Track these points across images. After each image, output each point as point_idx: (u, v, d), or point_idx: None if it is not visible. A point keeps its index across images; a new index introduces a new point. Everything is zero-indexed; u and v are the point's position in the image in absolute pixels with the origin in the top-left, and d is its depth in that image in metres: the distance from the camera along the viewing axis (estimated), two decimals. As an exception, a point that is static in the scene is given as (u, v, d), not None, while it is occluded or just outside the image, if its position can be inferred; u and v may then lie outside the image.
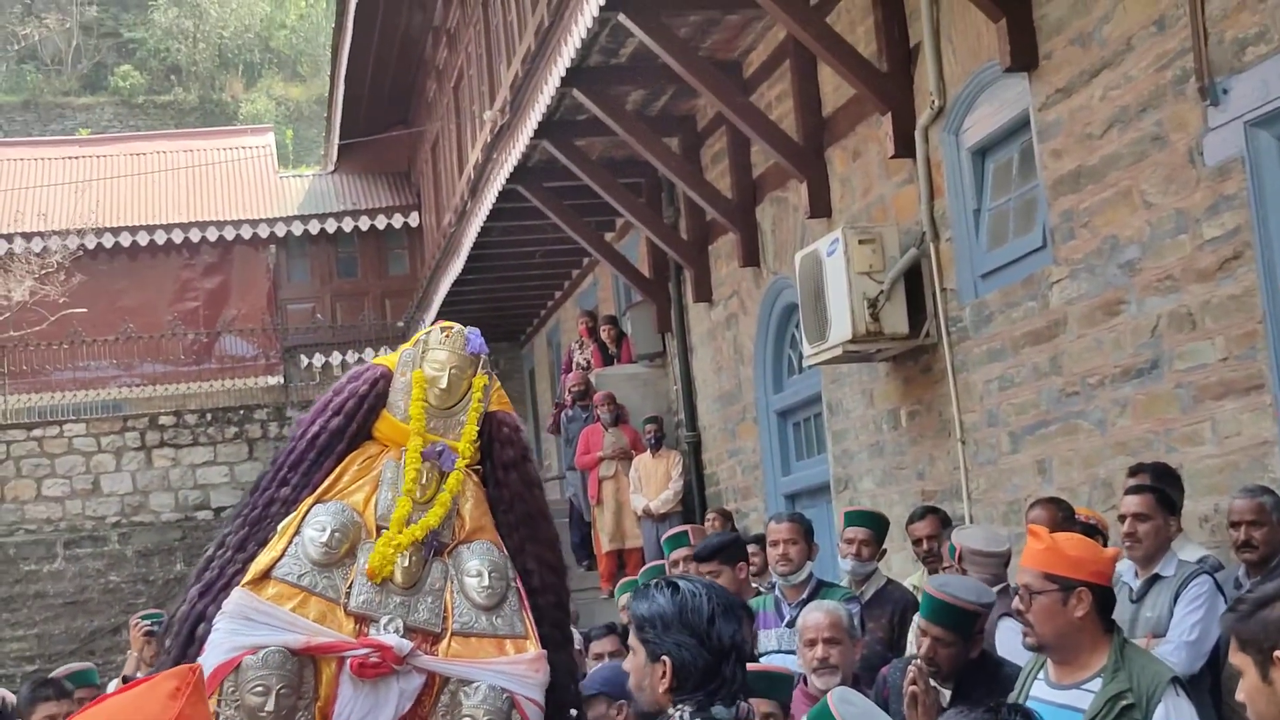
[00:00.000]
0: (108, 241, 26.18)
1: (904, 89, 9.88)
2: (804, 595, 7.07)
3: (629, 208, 14.45)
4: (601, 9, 10.87)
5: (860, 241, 9.69)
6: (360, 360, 26.28)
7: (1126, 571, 6.32)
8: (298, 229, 27.55)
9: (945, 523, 7.95)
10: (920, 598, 5.59)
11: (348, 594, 4.32)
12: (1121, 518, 6.27)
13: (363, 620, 4.29)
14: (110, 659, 17.43)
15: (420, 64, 23.67)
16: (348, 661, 4.19)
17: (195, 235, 27.12)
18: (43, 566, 17.10)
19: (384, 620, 4.28)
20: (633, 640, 3.63)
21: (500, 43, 16.83)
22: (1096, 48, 7.87)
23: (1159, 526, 6.17)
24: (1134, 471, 6.82)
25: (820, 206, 11.23)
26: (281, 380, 26.62)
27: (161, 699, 2.07)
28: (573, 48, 11.81)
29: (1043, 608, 4.40)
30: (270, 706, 4.01)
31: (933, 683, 5.10)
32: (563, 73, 12.25)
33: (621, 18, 11.09)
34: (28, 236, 24.25)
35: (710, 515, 12.70)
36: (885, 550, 8.03)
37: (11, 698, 8.98)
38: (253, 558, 4.40)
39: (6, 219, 25.99)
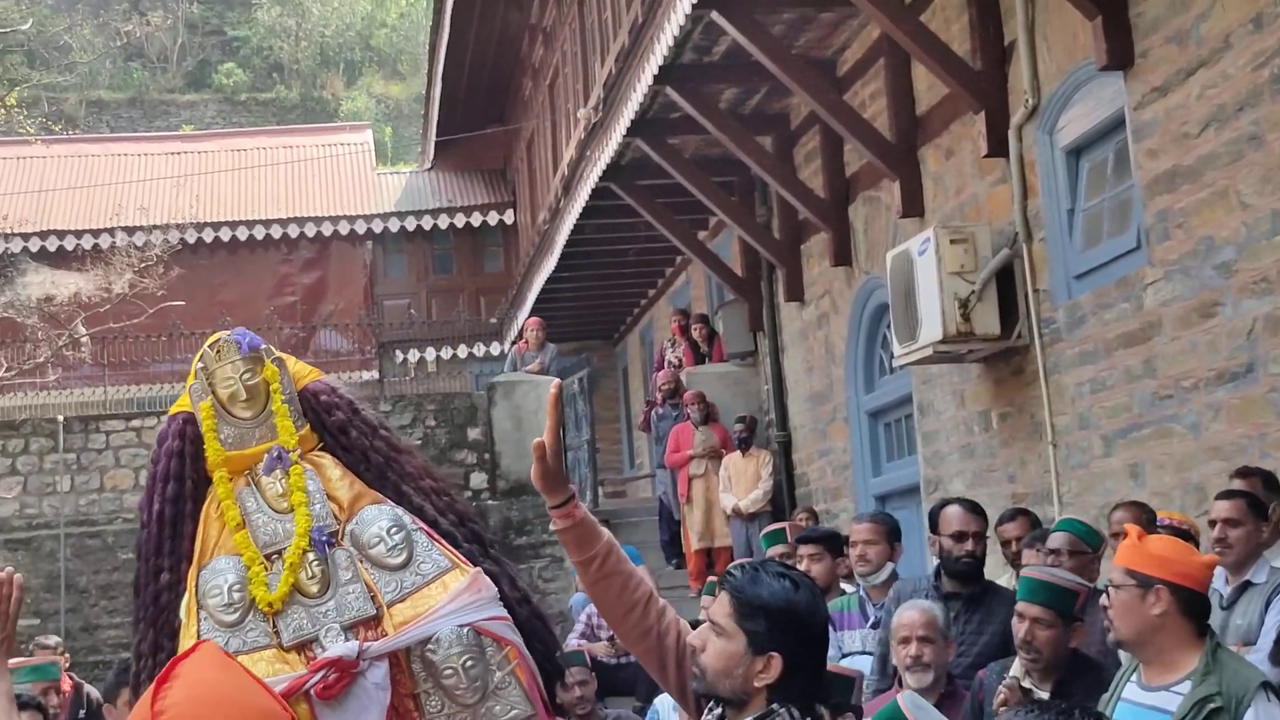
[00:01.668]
0: (207, 236, 26.56)
1: (998, 87, 9.78)
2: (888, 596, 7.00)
3: (722, 206, 14.43)
4: (695, 6, 10.87)
5: (952, 241, 9.61)
6: (455, 357, 26.48)
7: (1218, 578, 6.21)
8: (394, 225, 27.79)
9: (1035, 525, 7.86)
10: (1018, 583, 5.54)
11: (276, 632, 4.29)
12: (1212, 523, 6.16)
13: (304, 647, 4.24)
14: (204, 648, 17.59)
15: (517, 62, 23.78)
16: (312, 692, 4.14)
17: (294, 231, 27.46)
18: (140, 555, 17.34)
19: (322, 634, 4.24)
20: (724, 621, 3.29)
21: (595, 40, 16.87)
22: (1193, 46, 7.75)
23: (1250, 532, 6.06)
24: (1239, 474, 6.69)
25: (913, 205, 11.15)
26: (377, 375, 26.87)
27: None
28: (665, 45, 11.82)
29: (1121, 602, 4.41)
30: None
31: (1028, 684, 5.07)
32: (656, 70, 12.27)
33: (715, 15, 11.08)
34: (129, 230, 24.62)
35: (800, 514, 12.67)
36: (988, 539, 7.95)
37: (97, 694, 9.12)
38: (172, 654, 4.27)
39: (108, 213, 26.43)
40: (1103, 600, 4.65)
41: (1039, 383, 9.40)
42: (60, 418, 17.55)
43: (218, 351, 4.62)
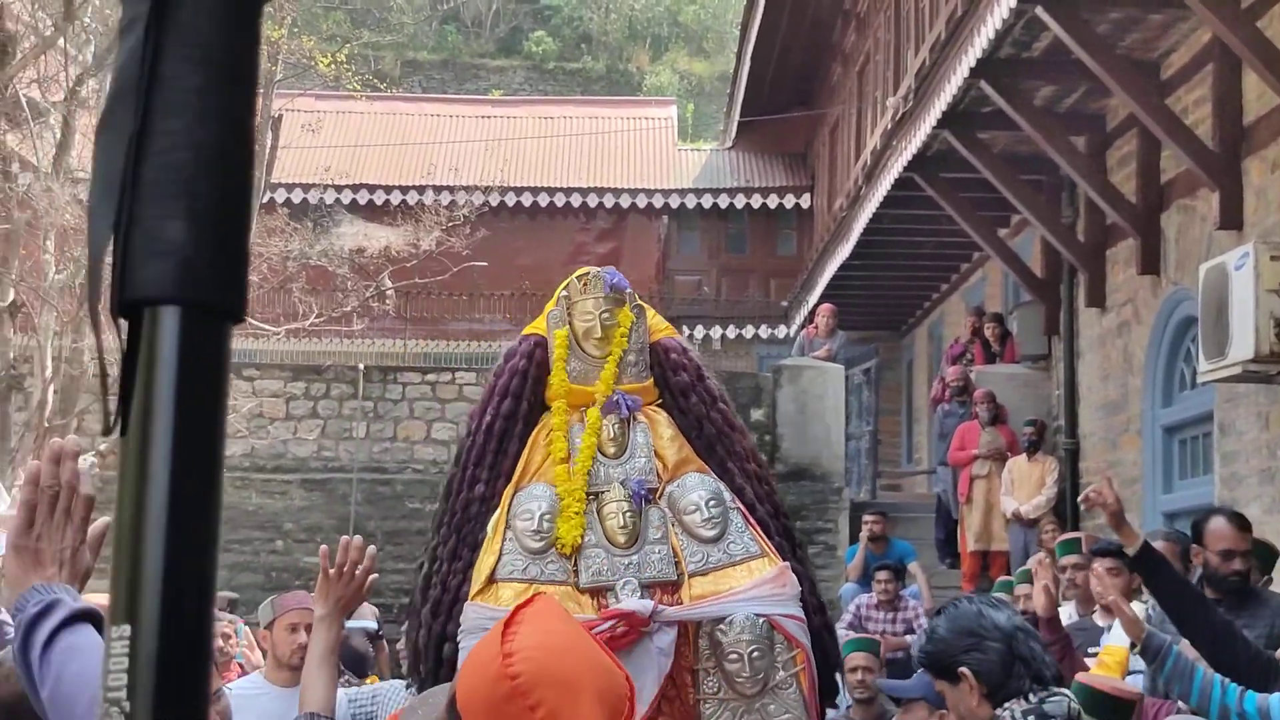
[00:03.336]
0: (510, 200, 27.19)
1: (1335, 101, 9.40)
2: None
3: (1027, 205, 14.18)
4: (1020, 1, 10.69)
5: (1273, 258, 9.28)
6: (740, 337, 26.61)
7: None
8: (691, 202, 28.04)
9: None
10: None
11: (576, 572, 4.31)
12: None
13: (599, 593, 4.26)
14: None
15: (827, 46, 23.72)
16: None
17: (593, 200, 27.93)
18: (426, 506, 17.86)
19: (619, 585, 4.25)
20: (937, 683, 3.66)
21: (910, 29, 16.73)
22: None
23: None
24: None
25: (1231, 218, 10.79)
26: (664, 348, 27.14)
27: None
28: (985, 39, 11.66)
29: None
30: None
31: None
32: (972, 63, 12.12)
33: (1039, 11, 10.89)
34: (438, 190, 25.37)
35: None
36: (1270, 579, 7.69)
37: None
38: (469, 565, 4.40)
39: (420, 171, 27.30)
40: None
41: (1353, 411, 9.04)
42: (361, 366, 18.21)
43: (584, 285, 4.69)
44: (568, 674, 1.99)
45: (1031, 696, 3.45)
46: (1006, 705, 3.47)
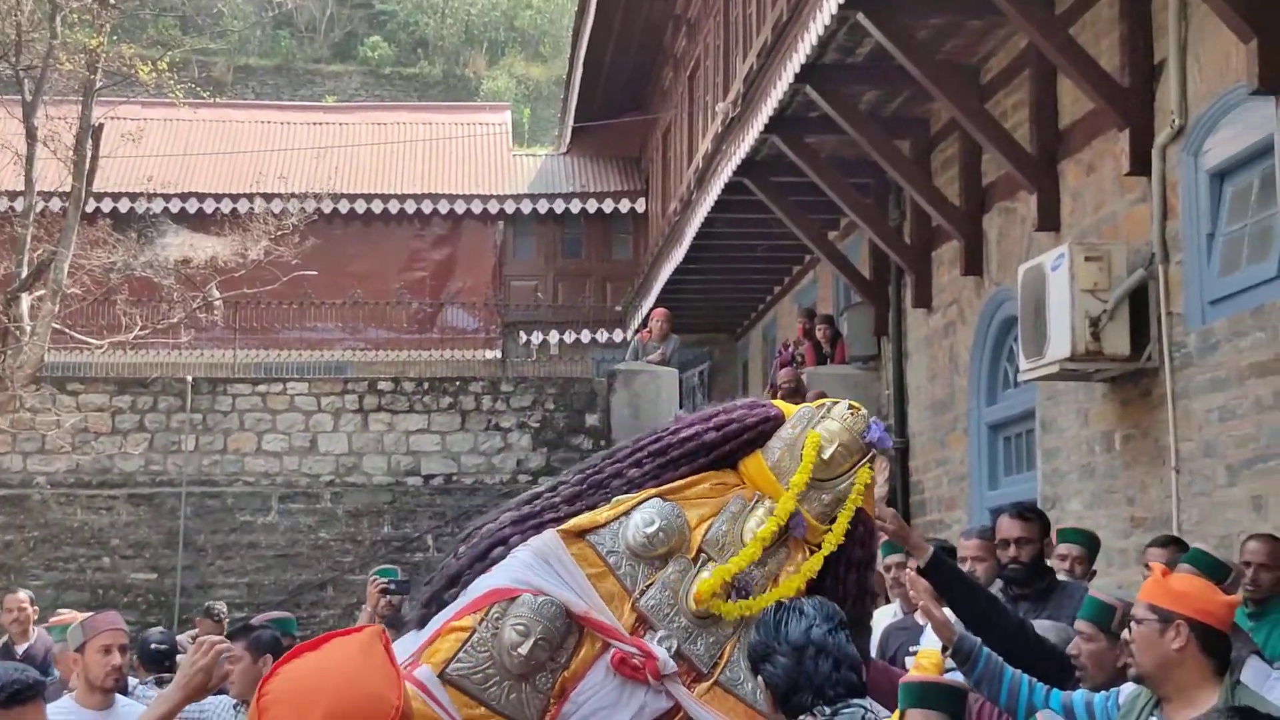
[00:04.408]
0: (343, 207, 26.92)
1: (1144, 105, 9.63)
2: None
3: (854, 208, 14.36)
4: (841, 7, 10.82)
5: (1087, 258, 9.49)
6: (577, 341, 26.61)
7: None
8: (526, 207, 28.00)
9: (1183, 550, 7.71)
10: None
11: (642, 592, 4.24)
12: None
13: (643, 622, 4.21)
14: (314, 613, 17.91)
15: (659, 51, 23.82)
16: (611, 651, 4.13)
17: (428, 207, 27.76)
18: (257, 518, 17.66)
19: (661, 634, 4.20)
20: None
21: (739, 34, 16.85)
22: (1350, 74, 7.58)
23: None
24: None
25: (1049, 219, 11.02)
26: (500, 354, 27.09)
27: (380, 657, 2.31)
28: (809, 44, 11.78)
29: (1141, 636, 4.47)
30: (523, 650, 3.94)
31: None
32: (797, 69, 12.24)
33: (860, 17, 11.03)
34: (268, 197, 25.01)
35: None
36: (1095, 571, 7.86)
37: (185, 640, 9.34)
38: (577, 513, 4.36)
39: (249, 179, 26.89)
40: (1125, 635, 4.69)
41: (1166, 407, 9.26)
42: (189, 378, 17.90)
43: (853, 412, 4.58)
44: (302, 695, 2.24)
45: (824, 709, 3.45)
46: (800, 718, 3.48)
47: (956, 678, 5.98)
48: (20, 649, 10.02)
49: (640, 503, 4.36)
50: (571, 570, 4.14)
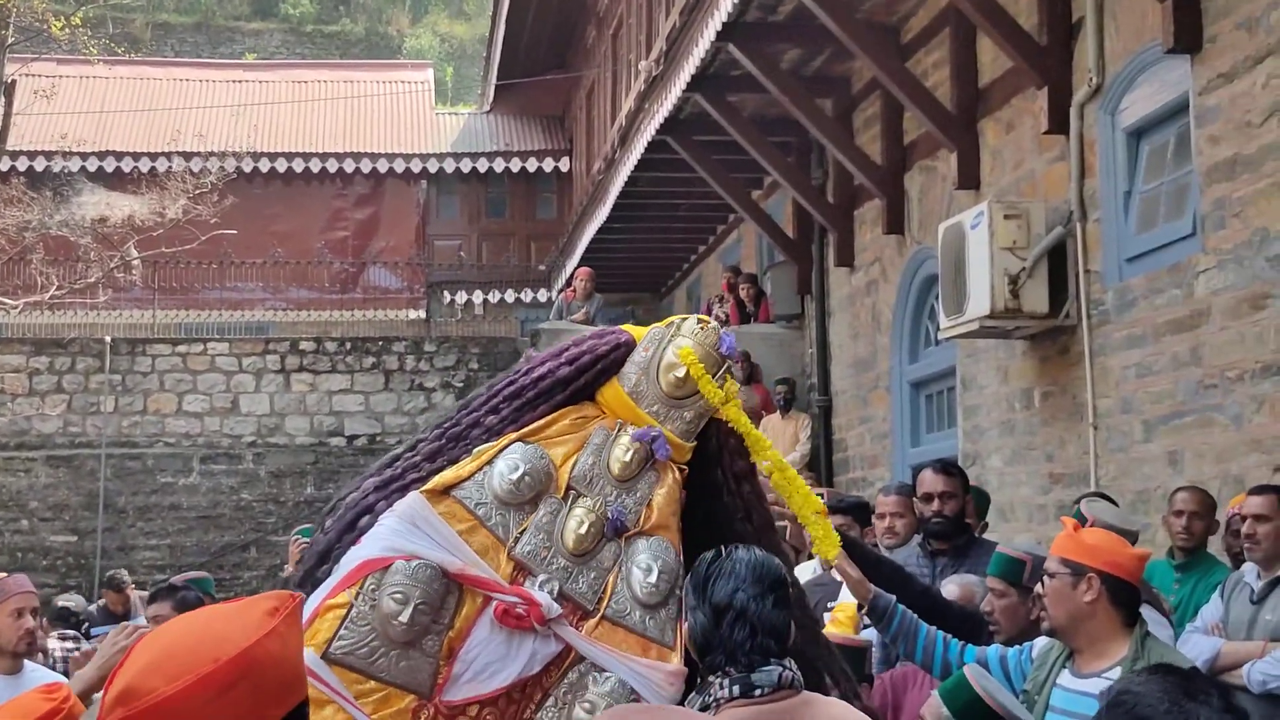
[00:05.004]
0: (263, 166, 26.64)
1: (1063, 64, 9.69)
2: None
3: (777, 167, 14.36)
4: (762, -36, 10.80)
5: (1006, 216, 9.55)
6: (502, 301, 26.53)
7: (1249, 573, 6.20)
8: (450, 166, 27.82)
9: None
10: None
11: (516, 539, 4.21)
12: (1242, 518, 6.19)
13: (521, 569, 4.17)
14: (237, 574, 17.81)
15: (582, 8, 23.68)
16: (493, 604, 4.11)
17: (349, 166, 27.52)
18: (179, 480, 17.50)
19: (541, 578, 4.18)
20: None
21: (661, -8, 16.78)
22: (1263, 34, 7.64)
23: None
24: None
25: (969, 178, 11.08)
26: (424, 315, 26.96)
27: (258, 615, 2.11)
28: (731, 2, 11.74)
29: (1054, 590, 4.55)
30: (404, 618, 3.89)
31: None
32: (719, 27, 12.20)
33: (782, -26, 11.01)
34: (186, 156, 24.71)
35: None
36: (987, 524, 7.93)
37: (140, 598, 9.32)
38: (439, 470, 4.30)
39: (166, 137, 26.54)
40: (1037, 588, 4.78)
41: (1084, 364, 9.35)
42: (108, 338, 17.69)
43: (702, 327, 4.53)
44: (145, 643, 2.12)
45: (733, 672, 3.45)
46: (713, 678, 3.48)
47: (872, 635, 6.05)
48: None
49: (502, 449, 4.32)
50: (441, 529, 4.09)
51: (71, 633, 9.52)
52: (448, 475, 4.27)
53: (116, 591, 11.35)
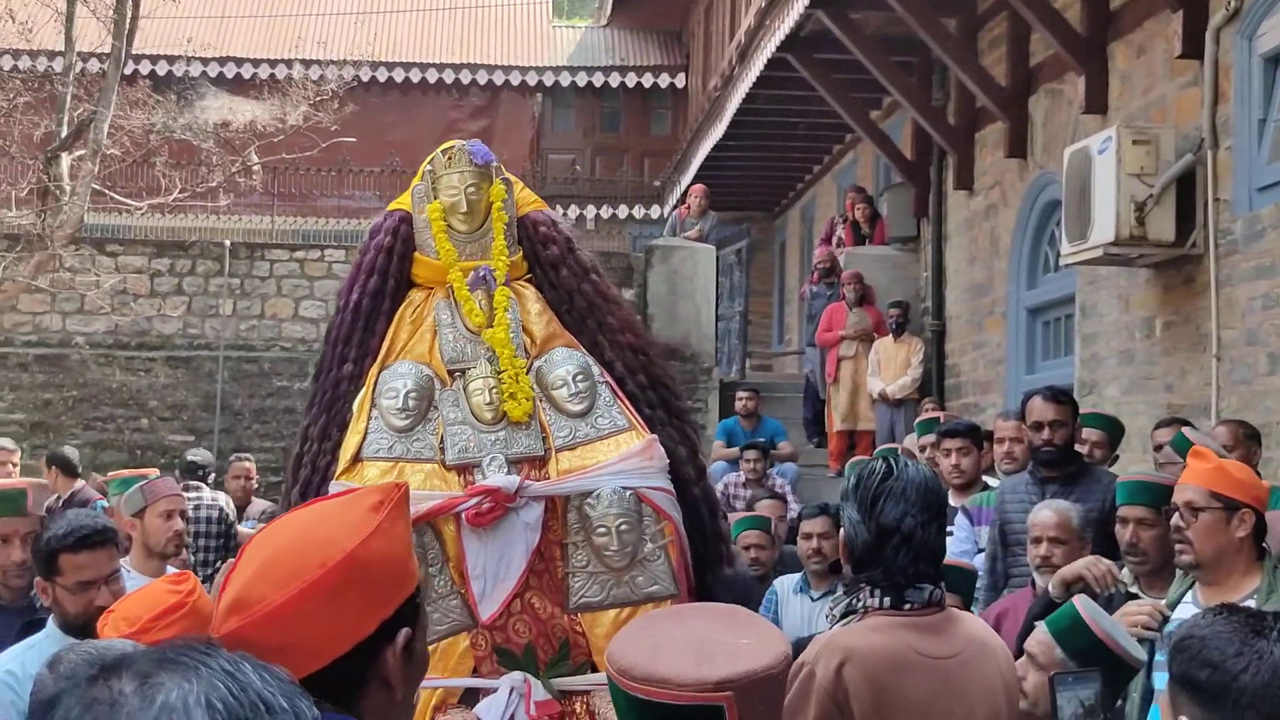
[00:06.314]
0: (381, 75, 26.71)
1: (1200, -13, 9.47)
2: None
3: (898, 87, 14.19)
4: (892, -121, 10.62)
5: (1134, 142, 9.38)
6: (614, 216, 26.52)
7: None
8: (565, 80, 27.76)
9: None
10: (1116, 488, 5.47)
11: (442, 449, 4.28)
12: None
13: (465, 470, 4.24)
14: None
15: (703, -77, 23.49)
16: (463, 515, 4.17)
17: (466, 77, 27.56)
18: (294, 384, 17.70)
19: (486, 461, 4.24)
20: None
21: (786, -93, 16.57)
22: None
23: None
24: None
25: (1096, 102, 10.88)
26: (537, 228, 26.95)
27: (363, 511, 2.09)
28: (858, -83, 11.59)
29: (1206, 525, 4.41)
30: None
31: (1135, 589, 5.02)
32: (846, -58, 12.04)
33: (912, -110, 10.83)
34: (306, 63, 24.84)
35: (928, 403, 12.74)
36: (1118, 456, 7.87)
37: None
38: (339, 445, 4.37)
39: (288, 44, 26.70)
40: (1175, 520, 4.57)
41: (1209, 294, 9.20)
42: (228, 242, 17.90)
43: (449, 158, 4.58)
44: (262, 538, 2.14)
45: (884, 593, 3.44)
46: (865, 585, 3.45)
47: (978, 562, 6.04)
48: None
49: (374, 387, 4.35)
50: None
51: (196, 484, 9.70)
52: (350, 443, 4.32)
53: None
